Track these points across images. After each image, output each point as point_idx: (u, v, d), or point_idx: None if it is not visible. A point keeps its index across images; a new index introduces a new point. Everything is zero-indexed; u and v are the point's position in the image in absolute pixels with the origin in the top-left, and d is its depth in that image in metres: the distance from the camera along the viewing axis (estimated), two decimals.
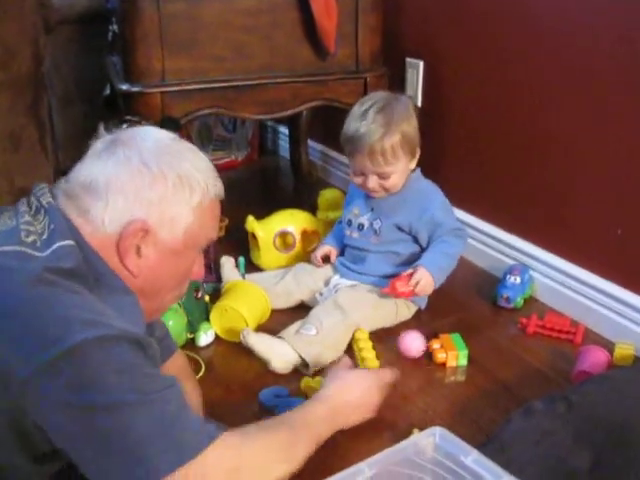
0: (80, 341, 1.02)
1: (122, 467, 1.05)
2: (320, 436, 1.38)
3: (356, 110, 1.98)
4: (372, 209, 2.06)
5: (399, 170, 1.97)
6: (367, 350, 1.82)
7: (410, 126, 1.96)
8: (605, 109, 1.89)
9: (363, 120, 1.94)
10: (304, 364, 1.82)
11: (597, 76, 1.89)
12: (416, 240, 2.05)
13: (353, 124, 1.96)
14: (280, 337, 1.86)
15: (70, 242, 1.13)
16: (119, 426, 1.04)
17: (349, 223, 2.12)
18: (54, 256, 1.10)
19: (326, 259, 2.18)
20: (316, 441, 1.36)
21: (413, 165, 2.01)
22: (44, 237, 1.14)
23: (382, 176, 1.97)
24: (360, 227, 2.08)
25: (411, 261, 2.02)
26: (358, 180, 2.01)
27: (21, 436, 1.10)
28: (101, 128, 1.29)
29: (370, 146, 1.92)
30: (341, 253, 2.19)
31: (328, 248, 2.19)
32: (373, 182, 1.98)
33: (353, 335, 1.88)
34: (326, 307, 1.96)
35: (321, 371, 1.79)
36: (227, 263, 2.25)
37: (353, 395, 1.50)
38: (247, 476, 1.17)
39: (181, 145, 1.27)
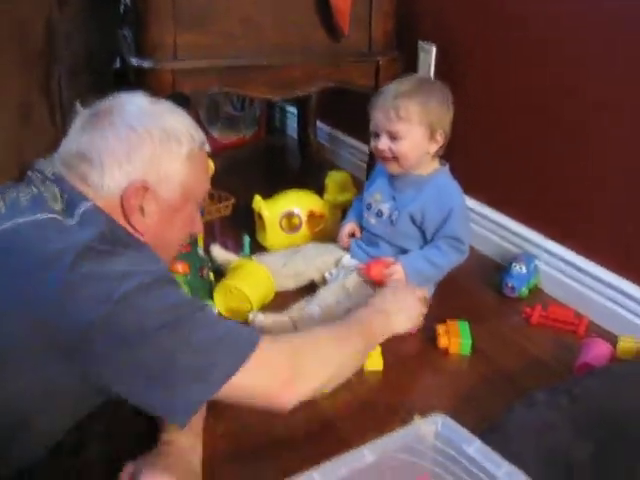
0: (128, 290, 1.09)
1: (188, 381, 1.12)
2: (369, 334, 1.49)
3: (395, 81, 2.02)
4: (394, 198, 2.05)
5: (411, 138, 1.94)
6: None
7: (436, 104, 1.95)
8: (621, 99, 1.87)
9: (395, 83, 1.99)
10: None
11: (616, 63, 1.87)
12: (425, 239, 2.04)
13: (385, 88, 2.00)
14: (284, 313, 1.88)
15: (90, 203, 1.19)
16: (177, 347, 1.11)
17: (368, 207, 2.10)
18: (82, 222, 1.16)
19: (352, 236, 2.17)
20: (366, 337, 1.46)
21: (432, 149, 1.98)
22: (59, 206, 1.19)
23: (392, 136, 1.95)
24: (379, 214, 2.07)
25: None
26: (373, 144, 2.01)
27: (74, 396, 1.17)
28: (77, 104, 1.34)
29: (386, 100, 1.94)
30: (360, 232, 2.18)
31: (351, 226, 2.18)
32: (383, 142, 1.96)
33: None
34: (333, 288, 1.96)
35: None
36: (215, 248, 2.23)
37: (392, 302, 1.66)
38: (306, 359, 1.27)
39: (159, 105, 1.32)
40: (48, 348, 1.07)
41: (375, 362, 1.77)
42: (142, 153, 1.24)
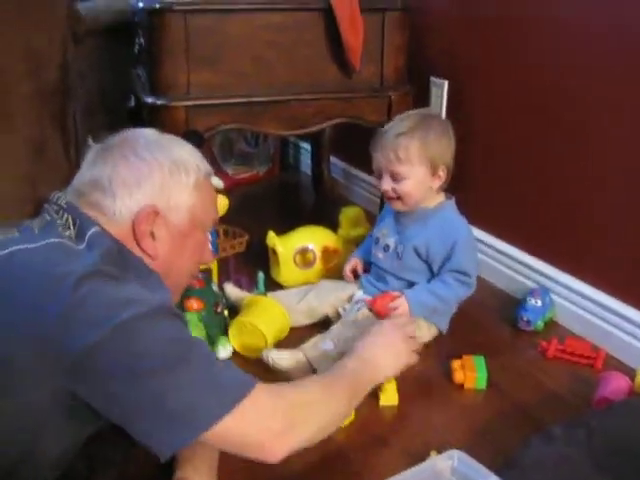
0: (127, 318, 1.08)
1: (175, 422, 1.10)
2: (357, 386, 1.45)
3: (395, 119, 2.03)
4: (399, 232, 2.06)
5: (414, 178, 1.95)
6: (388, 380, 1.73)
7: (436, 141, 1.95)
8: (633, 131, 1.87)
9: (395, 122, 2.00)
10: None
11: (628, 99, 1.88)
12: (432, 272, 2.03)
13: (386, 127, 2.00)
14: (298, 349, 1.87)
15: (97, 229, 1.22)
16: (168, 388, 1.09)
17: (376, 241, 2.11)
18: (90, 245, 1.18)
19: (355, 272, 2.18)
20: (354, 390, 1.43)
21: (436, 184, 1.99)
22: (71, 233, 1.21)
23: (394, 177, 1.96)
24: (386, 248, 2.07)
25: None
26: (378, 184, 2.03)
27: (68, 416, 1.15)
28: (89, 139, 1.38)
29: (386, 140, 1.95)
30: (369, 268, 2.18)
31: (355, 261, 2.19)
32: (386, 183, 1.97)
33: None
34: (346, 324, 1.95)
35: None
36: (228, 286, 2.22)
37: (378, 345, 1.60)
38: (298, 411, 1.24)
39: (166, 137, 1.37)
40: (46, 367, 1.07)
41: (390, 397, 1.76)
42: (152, 182, 1.27)
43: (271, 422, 1.18)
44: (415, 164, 1.94)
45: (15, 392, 1.09)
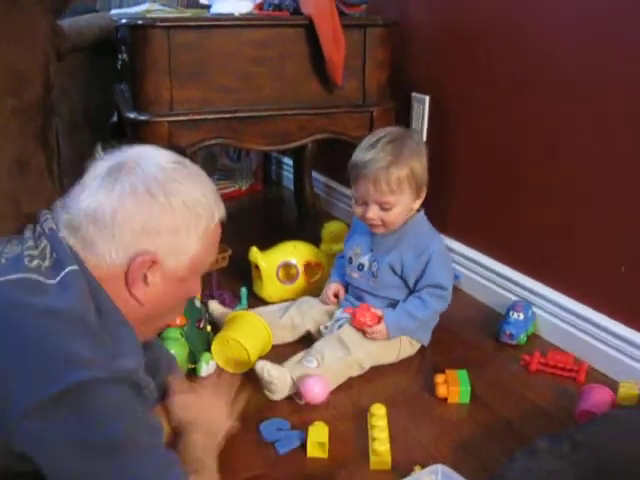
0: (79, 382, 1.03)
1: None
2: (213, 464, 1.36)
3: (366, 140, 1.99)
4: (372, 250, 2.06)
5: (401, 205, 1.95)
6: (380, 430, 1.67)
7: (419, 164, 1.95)
8: (612, 149, 1.89)
9: (372, 148, 1.94)
10: (298, 393, 1.82)
11: (604, 114, 1.89)
12: (407, 286, 2.04)
13: (362, 152, 1.96)
14: (286, 365, 1.86)
15: (76, 267, 1.14)
16: (109, 466, 1.06)
17: (350, 261, 2.11)
18: (63, 283, 1.11)
19: (336, 296, 2.17)
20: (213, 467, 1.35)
21: (417, 205, 2.00)
22: (46, 263, 1.14)
23: (383, 207, 1.95)
24: (360, 267, 2.07)
25: None
26: (359, 210, 1.99)
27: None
28: (98, 148, 1.29)
29: (376, 172, 1.91)
30: (345, 288, 2.18)
31: (336, 286, 2.17)
32: (373, 212, 1.96)
33: (369, 409, 1.75)
34: (330, 341, 1.95)
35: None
36: (212, 303, 2.21)
37: (205, 421, 1.43)
38: None
39: (185, 170, 1.26)
40: None
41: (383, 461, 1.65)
42: (159, 225, 1.18)
43: None
44: (405, 193, 1.94)
45: None
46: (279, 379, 1.80)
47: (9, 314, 1.06)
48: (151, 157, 1.24)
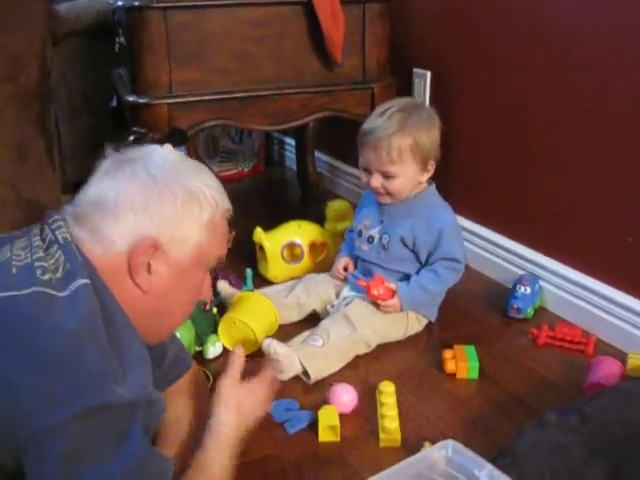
0: (84, 408, 1.01)
1: None
2: (232, 452, 1.33)
3: (377, 109, 1.99)
4: (382, 222, 2.05)
5: (404, 175, 1.94)
6: (388, 407, 1.67)
7: (427, 136, 1.93)
8: (615, 117, 1.87)
9: (380, 117, 1.93)
10: (306, 373, 1.81)
11: (606, 86, 1.88)
12: (419, 260, 2.03)
13: (370, 120, 1.96)
14: (291, 344, 1.86)
15: (86, 281, 1.12)
16: None
17: (359, 234, 2.10)
18: (73, 298, 1.09)
19: (346, 269, 2.16)
20: (231, 456, 1.32)
21: (424, 178, 1.99)
22: (58, 275, 1.12)
23: (385, 175, 1.94)
24: (370, 240, 2.06)
25: None
26: (364, 178, 2.00)
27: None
28: (107, 146, 1.28)
29: (377, 140, 1.91)
30: (355, 263, 2.17)
31: (345, 260, 2.16)
32: (376, 181, 1.96)
33: (378, 386, 1.75)
34: (335, 319, 1.95)
35: (322, 381, 1.81)
36: (220, 282, 2.19)
37: (242, 404, 1.39)
38: None
39: (188, 162, 1.27)
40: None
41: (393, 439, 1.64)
42: (161, 210, 1.18)
43: None
44: (407, 163, 1.93)
45: None
46: (285, 356, 1.80)
47: (20, 331, 1.05)
48: (156, 151, 1.25)
